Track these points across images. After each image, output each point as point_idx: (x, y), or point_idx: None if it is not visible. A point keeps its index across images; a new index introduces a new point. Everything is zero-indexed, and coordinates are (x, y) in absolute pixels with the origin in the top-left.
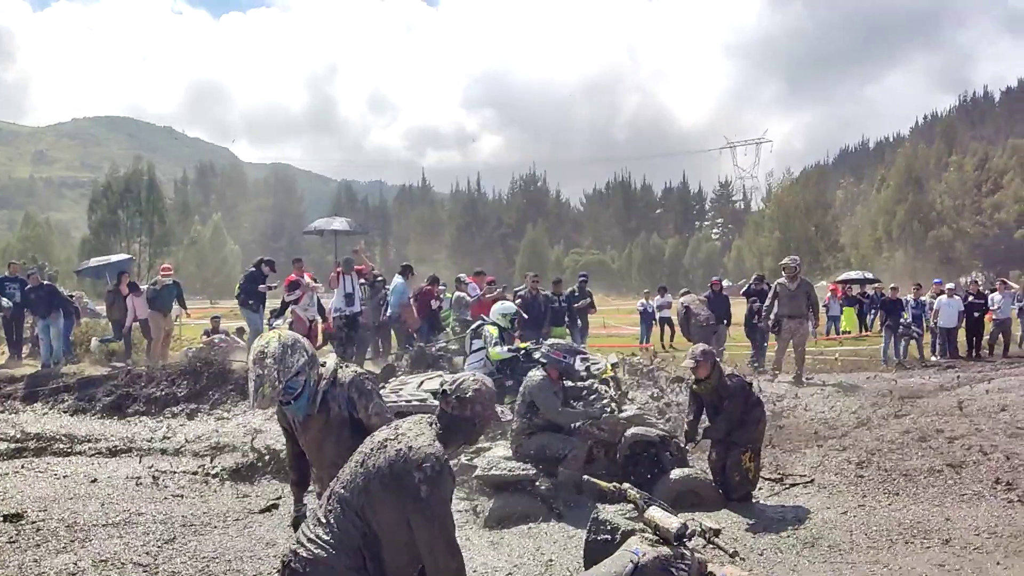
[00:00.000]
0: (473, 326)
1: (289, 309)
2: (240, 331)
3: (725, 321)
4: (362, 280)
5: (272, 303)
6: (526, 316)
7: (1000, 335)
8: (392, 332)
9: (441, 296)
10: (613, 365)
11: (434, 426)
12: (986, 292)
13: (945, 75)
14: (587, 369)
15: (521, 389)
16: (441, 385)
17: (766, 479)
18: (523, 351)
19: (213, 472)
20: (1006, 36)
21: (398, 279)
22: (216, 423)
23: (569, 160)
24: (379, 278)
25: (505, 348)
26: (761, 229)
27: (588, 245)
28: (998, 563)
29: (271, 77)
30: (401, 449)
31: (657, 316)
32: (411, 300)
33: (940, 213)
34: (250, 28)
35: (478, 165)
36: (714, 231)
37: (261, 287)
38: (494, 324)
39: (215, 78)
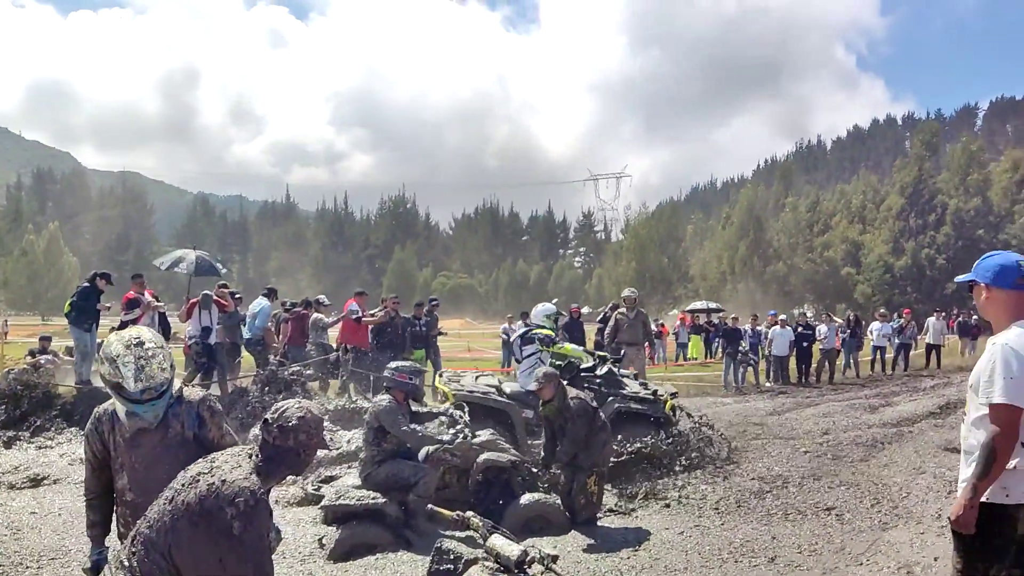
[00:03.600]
0: (519, 332)
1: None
2: (69, 351)
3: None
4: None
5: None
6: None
7: (826, 363)
8: (246, 354)
9: None
10: (672, 395)
11: (254, 457)
12: (815, 324)
13: (785, 123)
14: (654, 393)
15: (367, 416)
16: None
17: (607, 511)
18: (585, 364)
19: (31, 508)
20: (839, 91)
21: (263, 301)
22: (37, 452)
23: (439, 184)
24: (236, 296)
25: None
26: (619, 259)
27: (456, 268)
28: None
29: (123, 81)
30: (213, 483)
31: None
32: (272, 323)
33: (777, 249)
34: (101, 28)
35: (346, 184)
36: (577, 259)
37: (99, 305)
38: (540, 327)
39: (60, 78)
